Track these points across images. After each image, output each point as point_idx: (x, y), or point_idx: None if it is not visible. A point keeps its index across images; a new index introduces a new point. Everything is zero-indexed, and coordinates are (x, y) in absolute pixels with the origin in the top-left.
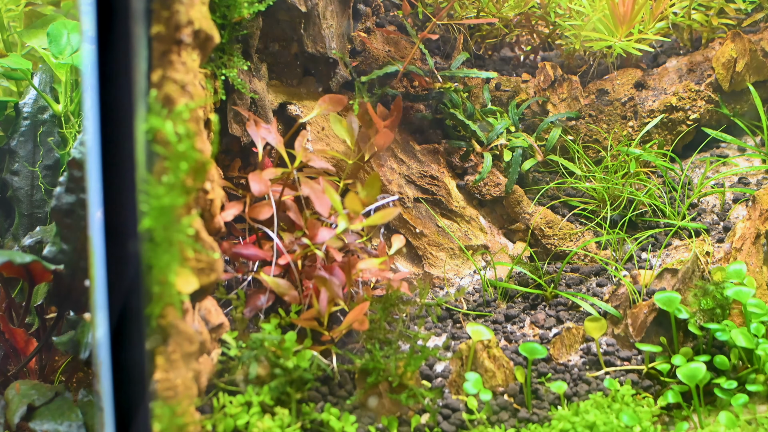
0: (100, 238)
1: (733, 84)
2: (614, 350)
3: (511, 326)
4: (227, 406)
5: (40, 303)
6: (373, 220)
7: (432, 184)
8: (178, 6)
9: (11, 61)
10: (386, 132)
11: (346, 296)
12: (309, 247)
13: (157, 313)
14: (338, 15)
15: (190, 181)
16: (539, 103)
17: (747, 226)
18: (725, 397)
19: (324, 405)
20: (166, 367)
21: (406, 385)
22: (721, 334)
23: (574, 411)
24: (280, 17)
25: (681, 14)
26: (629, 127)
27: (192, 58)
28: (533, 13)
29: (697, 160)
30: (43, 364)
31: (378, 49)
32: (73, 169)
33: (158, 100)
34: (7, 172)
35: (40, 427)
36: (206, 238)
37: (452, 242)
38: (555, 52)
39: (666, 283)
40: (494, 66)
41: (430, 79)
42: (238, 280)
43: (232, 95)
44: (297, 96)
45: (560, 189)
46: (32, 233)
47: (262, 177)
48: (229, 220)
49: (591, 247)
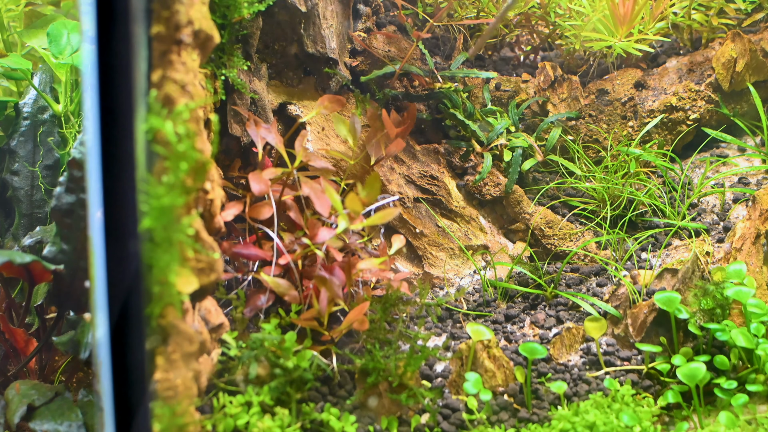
0: (100, 238)
1: (733, 84)
2: (614, 350)
3: (511, 326)
4: (227, 406)
5: (40, 303)
6: (373, 220)
7: (432, 184)
8: (178, 6)
9: (11, 61)
10: (399, 140)
11: (346, 296)
12: (309, 246)
13: (157, 313)
14: (338, 15)
15: (190, 181)
16: (539, 103)
17: (747, 226)
18: (725, 397)
19: (324, 405)
20: (166, 367)
21: (406, 385)
22: (721, 334)
23: (574, 411)
24: (280, 17)
25: (681, 14)
26: (629, 127)
27: (192, 58)
28: (533, 13)
29: (697, 160)
30: (43, 364)
31: (378, 49)
32: (73, 169)
33: (158, 100)
34: (7, 172)
35: (40, 427)
36: (206, 238)
37: (452, 242)
38: (555, 52)
39: (666, 283)
40: (494, 66)
41: (430, 79)
42: (238, 280)
43: (232, 95)
44: (297, 96)
45: (560, 189)
46: (32, 233)
47: (262, 177)
48: (230, 219)
49: (591, 247)
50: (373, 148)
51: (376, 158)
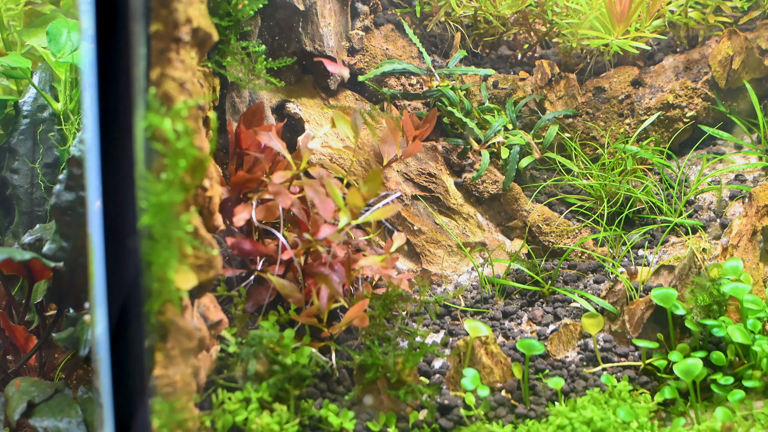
0: (100, 235)
1: (729, 81)
2: (611, 346)
3: (508, 323)
4: (226, 403)
5: (39, 300)
6: (373, 215)
7: (430, 181)
8: (176, 4)
9: (11, 59)
10: (417, 142)
11: (345, 293)
12: (311, 243)
13: (156, 309)
14: (336, 13)
15: (189, 178)
16: (536, 101)
17: (744, 222)
18: (722, 393)
19: (323, 401)
20: (165, 363)
21: (405, 382)
22: (718, 330)
23: (572, 407)
24: (279, 15)
25: (678, 12)
26: (626, 124)
27: (190, 56)
28: (530, 11)
29: (693, 158)
30: (43, 361)
31: (376, 48)
32: (72, 167)
33: (157, 98)
34: (7, 170)
35: (39, 423)
36: (205, 234)
37: (450, 239)
38: (552, 50)
39: (663, 279)
40: (492, 64)
41: (427, 77)
42: (238, 276)
43: (231, 93)
44: (295, 94)
45: (557, 186)
46: (32, 231)
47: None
48: (241, 225)
49: (588, 244)
50: (386, 148)
51: (389, 159)
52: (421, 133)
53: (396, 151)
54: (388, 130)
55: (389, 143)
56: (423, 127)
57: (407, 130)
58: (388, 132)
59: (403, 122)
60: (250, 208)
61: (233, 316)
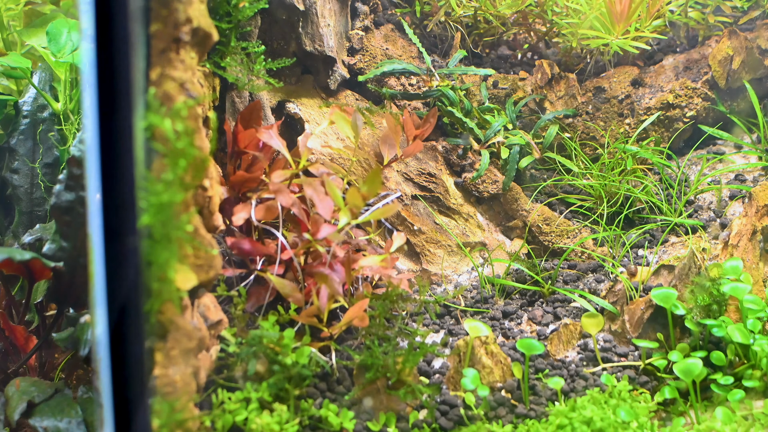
0: (100, 235)
1: (729, 81)
2: (611, 346)
3: (508, 323)
4: (226, 402)
5: (39, 300)
6: (373, 215)
7: (430, 181)
8: (176, 4)
9: (11, 59)
10: (418, 142)
11: (345, 293)
12: (311, 242)
13: (156, 309)
14: (336, 13)
15: (189, 178)
16: (536, 101)
17: (743, 222)
18: (722, 393)
19: (322, 401)
20: (165, 363)
21: (405, 381)
22: (718, 330)
23: (571, 407)
24: (279, 16)
25: (677, 12)
26: (626, 124)
27: (190, 56)
28: (530, 11)
29: (693, 157)
30: (43, 361)
31: (376, 48)
32: (72, 167)
33: (157, 98)
34: (7, 170)
35: (39, 423)
36: (205, 234)
37: (450, 239)
38: (552, 50)
39: (663, 279)
40: (492, 64)
41: (427, 77)
42: (238, 276)
43: (231, 93)
44: (295, 94)
45: (557, 186)
46: (32, 231)
47: (278, 185)
48: (240, 224)
49: (588, 243)
50: (387, 147)
51: (389, 158)
52: (421, 132)
53: (396, 150)
54: (389, 130)
55: (389, 143)
56: (423, 127)
57: (408, 129)
58: (388, 131)
59: (404, 121)
60: (249, 208)
61: (233, 316)
